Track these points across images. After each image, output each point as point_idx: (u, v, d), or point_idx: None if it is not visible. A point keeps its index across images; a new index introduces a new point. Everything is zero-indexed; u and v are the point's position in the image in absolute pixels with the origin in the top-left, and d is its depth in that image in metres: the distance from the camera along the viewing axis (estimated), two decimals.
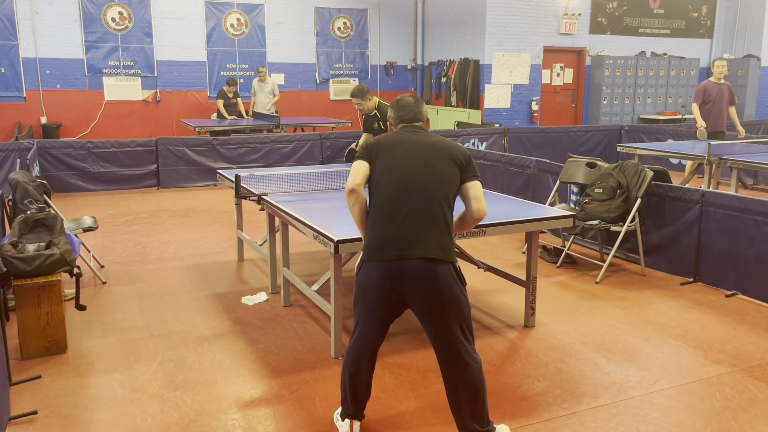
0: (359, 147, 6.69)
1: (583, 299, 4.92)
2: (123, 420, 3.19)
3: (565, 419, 3.22)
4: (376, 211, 2.80)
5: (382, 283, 2.73)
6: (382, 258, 2.71)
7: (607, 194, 5.45)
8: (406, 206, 2.73)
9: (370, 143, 2.96)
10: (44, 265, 3.84)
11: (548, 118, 14.38)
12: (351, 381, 2.94)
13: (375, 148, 2.89)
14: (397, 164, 2.80)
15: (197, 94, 13.59)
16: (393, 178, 2.78)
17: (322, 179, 5.57)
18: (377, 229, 2.77)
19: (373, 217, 2.81)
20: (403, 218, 2.72)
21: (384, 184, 2.79)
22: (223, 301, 4.85)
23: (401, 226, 2.71)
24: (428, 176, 2.77)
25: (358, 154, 2.93)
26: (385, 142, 2.91)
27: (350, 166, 3.06)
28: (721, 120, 8.62)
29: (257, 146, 9.89)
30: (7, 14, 11.90)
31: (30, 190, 4.95)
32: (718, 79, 8.54)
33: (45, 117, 12.43)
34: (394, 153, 2.85)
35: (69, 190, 8.95)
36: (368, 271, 2.77)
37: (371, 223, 2.82)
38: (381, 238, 2.73)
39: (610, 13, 14.52)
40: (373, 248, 2.75)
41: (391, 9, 15.14)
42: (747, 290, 4.92)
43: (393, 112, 3.06)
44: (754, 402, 3.39)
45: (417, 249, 2.68)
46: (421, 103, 3.08)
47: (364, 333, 2.87)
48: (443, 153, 2.85)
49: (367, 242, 2.81)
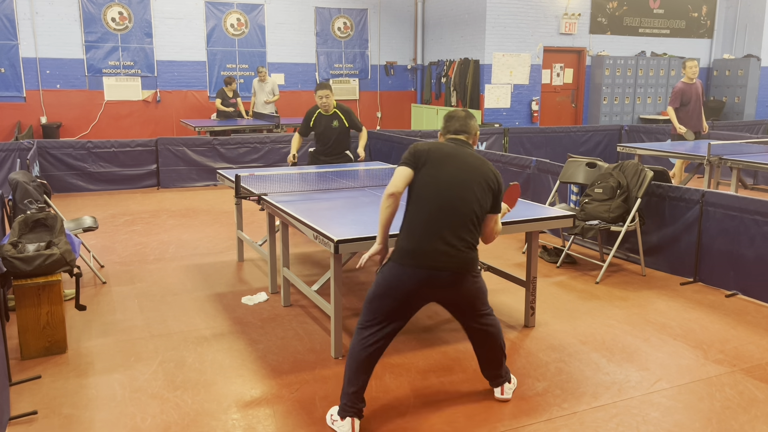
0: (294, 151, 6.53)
1: (583, 299, 4.92)
2: (123, 420, 3.19)
3: (565, 419, 3.22)
4: (415, 219, 2.95)
5: (414, 287, 2.94)
6: (415, 264, 2.91)
7: (607, 194, 5.45)
8: (444, 222, 2.92)
9: (419, 150, 3.03)
10: (44, 265, 3.84)
11: (548, 118, 14.38)
12: (362, 374, 3.00)
13: (423, 157, 3.00)
14: (442, 180, 2.96)
15: (197, 94, 13.59)
16: (436, 192, 2.94)
17: (322, 179, 5.57)
18: (412, 237, 2.94)
19: (411, 223, 2.96)
20: (440, 232, 2.91)
21: (427, 195, 2.95)
22: (223, 301, 4.85)
23: (436, 240, 2.91)
24: (468, 198, 2.97)
25: (404, 161, 3.02)
26: (435, 153, 3.03)
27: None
28: (698, 120, 8.72)
29: (257, 146, 9.89)
30: (7, 14, 11.90)
31: (30, 190, 4.95)
32: (690, 80, 8.57)
33: (45, 117, 12.43)
34: (441, 167, 2.99)
35: (69, 190, 8.95)
36: (399, 274, 2.94)
37: (408, 229, 2.97)
38: (416, 246, 2.91)
39: (610, 13, 14.52)
40: (407, 254, 2.93)
41: (391, 9, 15.14)
42: (747, 290, 4.92)
43: (444, 122, 3.23)
44: (754, 402, 3.39)
45: (449, 263, 2.92)
46: (471, 117, 3.22)
47: (387, 329, 3.01)
48: (483, 178, 3.04)
49: (400, 246, 2.97)
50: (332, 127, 6.47)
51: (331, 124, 6.47)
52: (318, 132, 6.54)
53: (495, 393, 3.38)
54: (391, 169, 6.02)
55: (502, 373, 3.36)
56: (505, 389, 3.37)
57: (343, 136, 6.56)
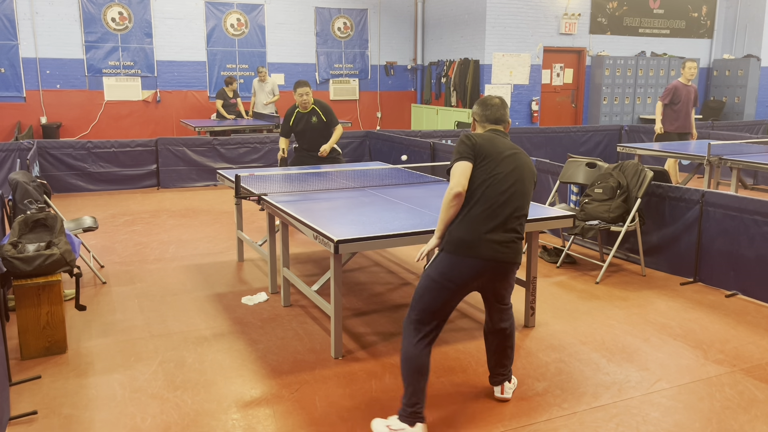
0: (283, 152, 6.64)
1: (583, 299, 4.92)
2: (123, 420, 3.19)
3: (565, 419, 3.22)
4: (476, 212, 2.94)
5: (472, 278, 2.98)
6: (475, 255, 2.93)
7: (607, 194, 5.45)
8: (504, 215, 2.97)
9: (477, 144, 2.98)
10: (44, 265, 3.84)
11: (548, 118, 14.38)
12: (426, 374, 2.97)
13: (481, 152, 2.98)
14: (503, 176, 2.98)
15: (197, 94, 13.59)
16: (499, 189, 2.96)
17: (322, 179, 5.57)
18: (473, 229, 2.94)
19: (471, 216, 2.95)
20: (500, 226, 2.96)
21: (490, 191, 2.95)
22: (223, 301, 4.84)
23: (497, 232, 2.96)
24: (525, 193, 3.06)
25: (463, 155, 2.97)
26: (489, 147, 3.00)
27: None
28: (689, 122, 8.72)
29: (257, 146, 9.90)
30: (7, 14, 11.90)
31: (30, 190, 4.95)
32: (687, 81, 8.58)
33: (45, 117, 12.43)
34: (500, 162, 2.99)
35: (69, 190, 8.95)
36: (457, 264, 2.95)
37: (467, 222, 2.95)
38: (476, 238, 2.93)
39: (610, 13, 14.52)
40: (467, 245, 2.93)
41: (391, 9, 15.14)
42: (747, 290, 4.92)
43: (480, 110, 3.16)
44: (754, 402, 3.39)
45: (507, 255, 3.00)
46: (505, 104, 3.20)
47: (441, 322, 3.03)
48: (531, 173, 3.12)
49: (457, 237, 2.95)
50: (312, 123, 6.58)
51: (310, 121, 6.58)
52: (299, 130, 6.63)
53: (495, 392, 3.39)
54: (391, 169, 6.02)
55: (506, 372, 3.38)
56: (506, 388, 3.37)
57: (324, 131, 6.64)
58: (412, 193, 4.86)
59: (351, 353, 3.95)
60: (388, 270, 5.64)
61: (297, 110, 6.60)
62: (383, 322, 4.44)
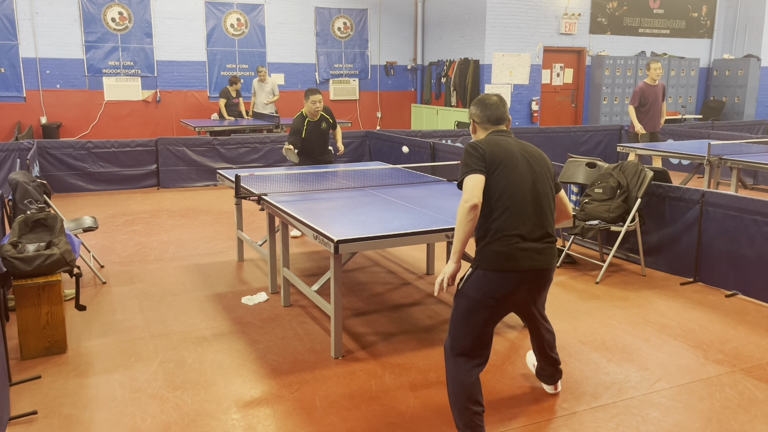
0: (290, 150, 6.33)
1: (583, 299, 4.92)
2: (123, 420, 3.19)
3: (565, 419, 3.22)
4: (506, 224, 2.79)
5: (513, 290, 2.85)
6: (513, 267, 2.79)
7: (607, 194, 5.45)
8: (534, 220, 2.83)
9: (486, 153, 2.82)
10: (44, 265, 3.84)
11: (548, 118, 14.38)
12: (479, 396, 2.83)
13: (493, 160, 2.82)
14: (522, 178, 2.84)
15: (197, 94, 13.59)
16: (521, 193, 2.82)
17: (322, 179, 5.57)
18: (507, 240, 2.79)
19: (502, 227, 2.79)
20: (531, 231, 2.82)
21: (511, 198, 2.80)
22: (223, 301, 4.84)
23: (531, 240, 2.82)
24: (547, 192, 2.92)
25: (474, 168, 2.79)
26: (500, 153, 2.85)
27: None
28: (657, 121, 8.84)
29: (257, 146, 9.90)
30: (7, 14, 11.90)
31: (30, 190, 4.95)
32: (653, 81, 8.64)
33: (45, 117, 12.43)
34: (515, 166, 2.84)
35: (69, 190, 8.95)
36: (496, 280, 2.81)
37: (499, 233, 2.79)
38: (512, 249, 2.79)
39: (610, 13, 14.52)
40: (503, 258, 2.79)
41: (391, 9, 15.14)
42: (747, 290, 4.92)
43: (479, 111, 3.02)
44: (754, 402, 3.39)
45: (545, 260, 2.87)
46: (504, 102, 3.06)
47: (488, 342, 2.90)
48: (546, 166, 2.98)
49: (491, 251, 2.80)
50: (321, 129, 6.46)
51: (320, 127, 6.45)
52: (310, 139, 6.38)
53: (549, 389, 3.45)
54: (391, 169, 6.02)
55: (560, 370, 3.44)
56: (559, 384, 3.46)
57: (327, 135, 6.61)
58: (412, 193, 4.86)
59: (351, 353, 3.95)
60: (388, 270, 5.64)
61: (307, 120, 6.34)
62: (383, 322, 4.44)
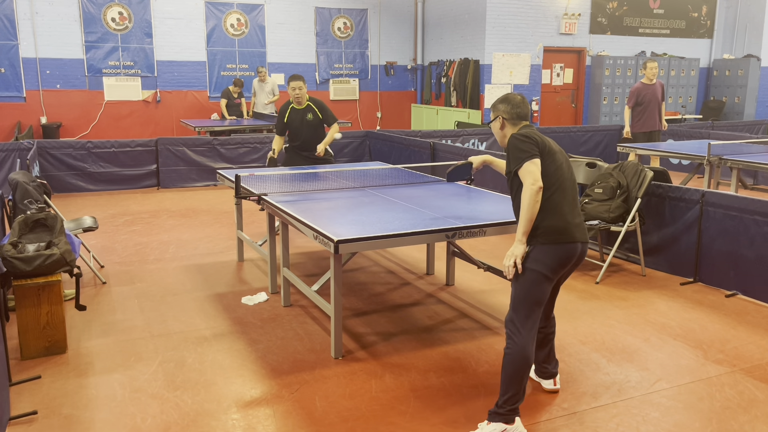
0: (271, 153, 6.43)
1: (583, 299, 4.92)
2: (123, 420, 3.19)
3: (565, 419, 3.22)
4: (557, 200, 3.05)
5: (567, 262, 3.09)
6: (569, 240, 3.05)
7: (607, 194, 5.45)
8: (575, 200, 3.14)
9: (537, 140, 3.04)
10: (44, 265, 3.84)
11: (548, 118, 14.37)
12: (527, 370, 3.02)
13: (543, 146, 3.07)
14: (563, 164, 3.12)
15: (197, 94, 13.59)
16: (565, 176, 3.11)
17: (322, 179, 5.57)
18: (561, 216, 3.05)
19: (557, 206, 3.05)
20: (576, 210, 3.13)
21: (561, 179, 3.08)
22: (223, 301, 4.84)
23: (578, 215, 3.13)
24: (575, 179, 3.23)
25: (531, 153, 3.02)
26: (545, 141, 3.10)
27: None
28: (654, 120, 8.81)
29: (257, 146, 9.90)
30: (7, 14, 11.90)
31: (30, 190, 4.95)
32: (650, 80, 8.65)
33: (45, 117, 12.43)
34: (554, 153, 3.11)
35: (69, 190, 8.95)
36: (558, 252, 3.03)
37: (554, 210, 3.04)
38: (567, 224, 3.05)
39: (610, 13, 14.51)
40: (561, 232, 3.04)
41: (391, 9, 15.14)
42: (747, 290, 4.92)
43: (510, 108, 3.19)
44: (754, 402, 3.39)
45: (586, 235, 3.15)
46: (527, 100, 3.28)
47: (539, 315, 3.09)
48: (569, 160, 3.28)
49: (550, 226, 3.04)
50: (307, 120, 6.33)
51: (305, 118, 6.33)
52: (294, 127, 6.39)
53: (546, 385, 3.51)
54: (391, 169, 6.02)
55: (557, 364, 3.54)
56: (557, 380, 3.52)
57: (318, 129, 6.42)
58: (412, 193, 4.86)
59: (351, 353, 3.95)
60: (388, 270, 5.64)
61: (291, 106, 6.37)
62: (383, 322, 4.44)
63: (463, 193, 4.85)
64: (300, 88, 6.24)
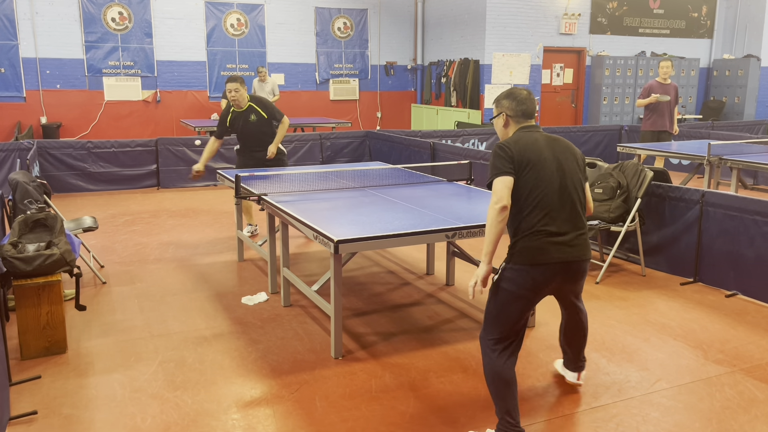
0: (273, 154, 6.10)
1: (583, 299, 4.91)
2: (123, 420, 3.19)
3: (565, 419, 3.22)
4: (535, 218, 2.86)
5: (546, 282, 2.93)
6: (546, 261, 2.87)
7: (607, 194, 5.45)
8: (560, 217, 2.89)
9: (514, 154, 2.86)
10: (44, 265, 3.83)
11: (548, 118, 14.38)
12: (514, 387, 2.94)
13: (521, 160, 2.86)
14: (551, 175, 2.89)
15: (197, 94, 13.59)
16: (550, 190, 2.88)
17: (322, 179, 5.57)
18: (537, 235, 2.87)
19: (531, 223, 2.87)
20: (561, 226, 2.89)
21: (542, 195, 2.87)
22: (223, 301, 4.85)
23: (560, 234, 2.89)
24: (576, 186, 2.97)
25: (502, 170, 2.84)
26: (528, 152, 2.88)
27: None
28: (664, 120, 8.83)
29: None
30: (7, 14, 11.90)
31: (30, 190, 4.95)
32: (663, 80, 8.67)
33: (45, 117, 12.43)
34: (544, 165, 2.89)
35: (69, 190, 8.95)
36: (530, 273, 2.89)
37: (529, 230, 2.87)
38: (543, 244, 2.87)
39: (610, 13, 14.52)
40: (536, 252, 2.87)
41: (391, 9, 15.14)
42: (747, 290, 4.92)
43: (514, 104, 3.03)
44: (754, 402, 3.39)
45: (578, 253, 2.94)
46: (531, 94, 3.12)
47: (520, 332, 3.00)
48: (575, 158, 3.03)
49: (523, 247, 2.89)
50: (250, 122, 6.07)
51: (248, 120, 6.07)
52: (238, 131, 6.13)
53: (570, 378, 3.49)
54: (391, 169, 6.02)
55: (584, 360, 3.49)
56: (582, 375, 3.49)
57: (265, 128, 6.11)
58: (412, 193, 4.86)
59: (351, 353, 3.95)
60: (388, 270, 5.64)
61: (232, 109, 6.08)
62: (383, 322, 4.44)
63: (463, 193, 4.85)
64: (237, 90, 5.95)
